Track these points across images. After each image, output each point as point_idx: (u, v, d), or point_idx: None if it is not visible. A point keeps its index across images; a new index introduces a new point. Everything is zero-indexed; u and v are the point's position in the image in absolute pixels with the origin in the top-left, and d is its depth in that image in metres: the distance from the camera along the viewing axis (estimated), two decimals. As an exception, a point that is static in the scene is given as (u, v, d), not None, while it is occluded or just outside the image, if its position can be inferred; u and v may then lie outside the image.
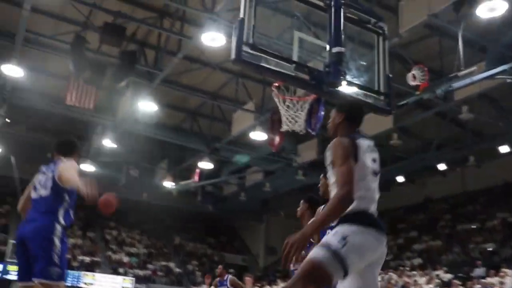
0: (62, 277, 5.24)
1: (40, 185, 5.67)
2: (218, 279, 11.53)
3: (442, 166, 25.01)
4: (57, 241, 5.31)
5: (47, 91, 22.91)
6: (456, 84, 12.95)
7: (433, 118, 20.36)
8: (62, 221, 5.55)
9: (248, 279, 13.93)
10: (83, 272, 30.88)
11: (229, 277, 11.29)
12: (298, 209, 6.00)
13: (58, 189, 5.56)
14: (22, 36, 16.66)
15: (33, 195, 5.62)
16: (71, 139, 6.44)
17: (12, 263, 28.42)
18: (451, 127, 21.32)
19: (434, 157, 22.89)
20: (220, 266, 11.90)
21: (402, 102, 16.18)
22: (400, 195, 30.54)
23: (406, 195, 30.48)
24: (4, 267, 28.89)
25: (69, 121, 26.36)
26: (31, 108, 23.70)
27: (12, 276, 29.10)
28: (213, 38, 14.52)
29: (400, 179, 27.23)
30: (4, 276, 29.03)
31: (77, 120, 25.77)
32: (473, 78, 12.56)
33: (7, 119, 22.49)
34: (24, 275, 5.31)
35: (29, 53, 19.12)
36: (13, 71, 18.20)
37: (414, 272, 21.38)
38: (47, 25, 18.43)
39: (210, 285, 12.46)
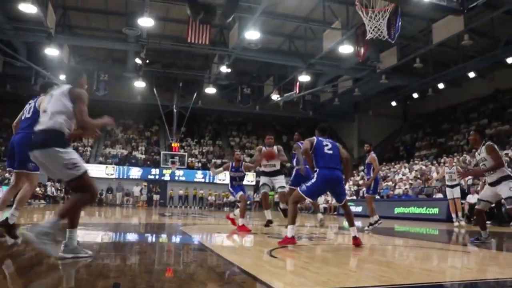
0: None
1: None
2: (233, 163, 9.63)
3: (510, 60, 22.84)
4: None
5: (172, 34, 23.43)
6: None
7: (501, 17, 18.46)
8: None
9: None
10: (217, 172, 32.44)
11: (243, 163, 9.75)
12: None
13: None
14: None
15: None
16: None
17: (166, 168, 30.43)
18: (519, 22, 19.37)
19: (503, 52, 21.06)
20: (237, 152, 10.31)
21: (472, 5, 14.88)
22: (471, 89, 28.88)
23: (477, 88, 28.57)
24: (161, 171, 31.02)
25: (192, 56, 26.96)
26: (162, 49, 24.43)
27: (166, 177, 31.32)
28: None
29: (471, 75, 25.26)
30: (162, 178, 31.32)
31: (198, 54, 26.28)
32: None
33: (147, 61, 23.35)
34: None
35: (155, 6, 19.50)
36: (146, 22, 18.78)
37: (486, 153, 20.37)
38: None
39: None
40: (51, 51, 21.25)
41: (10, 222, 5.22)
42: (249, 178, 32.75)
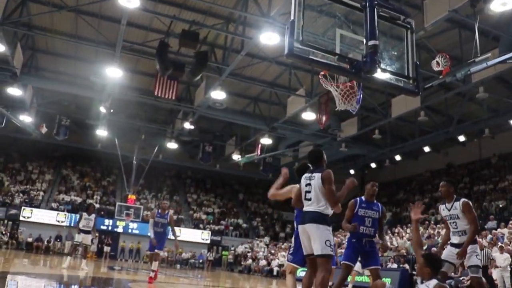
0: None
1: None
2: (159, 210, 10.44)
3: (462, 138, 24.33)
4: None
5: (139, 87, 23.56)
6: (473, 69, 12.38)
7: (454, 97, 19.96)
8: None
9: None
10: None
11: (170, 213, 10.42)
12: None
13: None
14: (120, 45, 17.17)
15: None
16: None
17: (120, 220, 29.50)
18: (470, 104, 20.76)
19: (455, 130, 22.31)
20: (165, 202, 11.06)
21: (428, 85, 15.73)
22: (426, 162, 30.07)
23: (432, 162, 29.84)
24: (114, 223, 30.04)
25: (157, 110, 27.03)
26: (128, 100, 24.41)
27: (120, 229, 30.32)
28: (269, 38, 14.51)
29: (427, 149, 26.59)
30: (114, 229, 30.26)
31: (163, 108, 26.40)
32: (488, 63, 11.96)
33: (111, 110, 23.22)
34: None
35: (125, 57, 19.66)
36: (115, 72, 18.81)
37: (438, 225, 20.90)
38: (138, 35, 18.93)
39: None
40: (14, 91, 20.85)
41: None
42: (204, 236, 32.20)
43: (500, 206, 21.55)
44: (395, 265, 17.45)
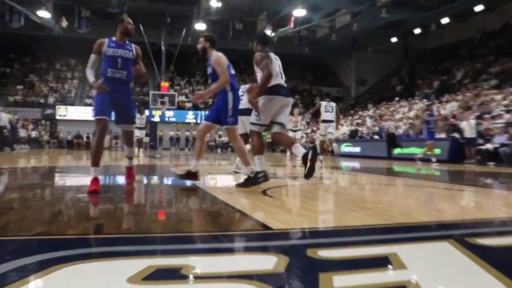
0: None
1: None
2: (112, 38, 5.53)
3: (522, -9, 22.42)
4: None
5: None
6: None
7: None
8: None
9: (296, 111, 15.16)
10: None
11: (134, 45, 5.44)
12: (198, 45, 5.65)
13: None
14: None
15: None
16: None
17: (156, 109, 29.95)
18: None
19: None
20: (127, 18, 5.54)
21: None
22: (478, 24, 28.10)
23: (484, 23, 27.83)
24: (150, 112, 30.62)
25: (180, -11, 26.10)
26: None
27: (156, 118, 30.85)
28: None
29: (479, 8, 24.66)
30: (151, 119, 30.89)
31: (186, -13, 25.44)
32: None
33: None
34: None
35: None
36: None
37: (492, 91, 20.06)
38: None
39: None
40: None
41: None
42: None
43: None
44: (443, 135, 17.32)
